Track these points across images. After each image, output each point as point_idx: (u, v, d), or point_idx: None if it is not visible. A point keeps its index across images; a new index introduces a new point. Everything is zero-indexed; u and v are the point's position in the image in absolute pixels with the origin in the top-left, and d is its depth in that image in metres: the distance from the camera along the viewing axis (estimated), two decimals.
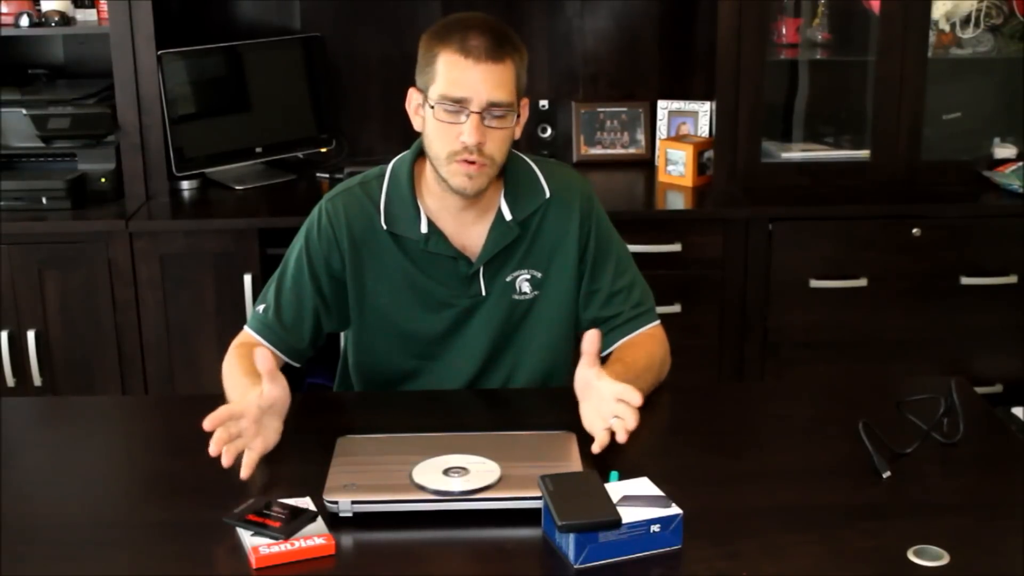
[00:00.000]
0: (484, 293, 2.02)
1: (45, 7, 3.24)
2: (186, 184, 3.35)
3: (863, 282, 3.23)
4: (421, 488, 1.55)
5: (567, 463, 1.62)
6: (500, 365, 2.06)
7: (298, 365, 2.04)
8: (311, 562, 1.46)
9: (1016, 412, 3.22)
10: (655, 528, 1.46)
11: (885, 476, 1.65)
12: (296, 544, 1.46)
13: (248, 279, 3.10)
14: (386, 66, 3.63)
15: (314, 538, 1.47)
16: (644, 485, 1.54)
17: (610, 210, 2.12)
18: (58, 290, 3.12)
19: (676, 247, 3.17)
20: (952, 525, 1.53)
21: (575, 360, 2.12)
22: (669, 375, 2.02)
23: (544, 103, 3.63)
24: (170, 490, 1.63)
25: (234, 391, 1.85)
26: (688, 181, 3.38)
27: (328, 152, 3.60)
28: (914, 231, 3.21)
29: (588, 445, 1.68)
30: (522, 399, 2.04)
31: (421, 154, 1.98)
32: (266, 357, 1.70)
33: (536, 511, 1.52)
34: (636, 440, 1.67)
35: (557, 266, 2.04)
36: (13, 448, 1.83)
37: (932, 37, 3.34)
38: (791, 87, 3.63)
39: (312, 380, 2.52)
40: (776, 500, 1.61)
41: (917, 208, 3.24)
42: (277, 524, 1.48)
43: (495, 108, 1.86)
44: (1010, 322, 3.27)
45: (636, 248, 2.76)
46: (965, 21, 3.39)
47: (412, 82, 1.94)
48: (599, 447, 1.67)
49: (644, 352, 1.99)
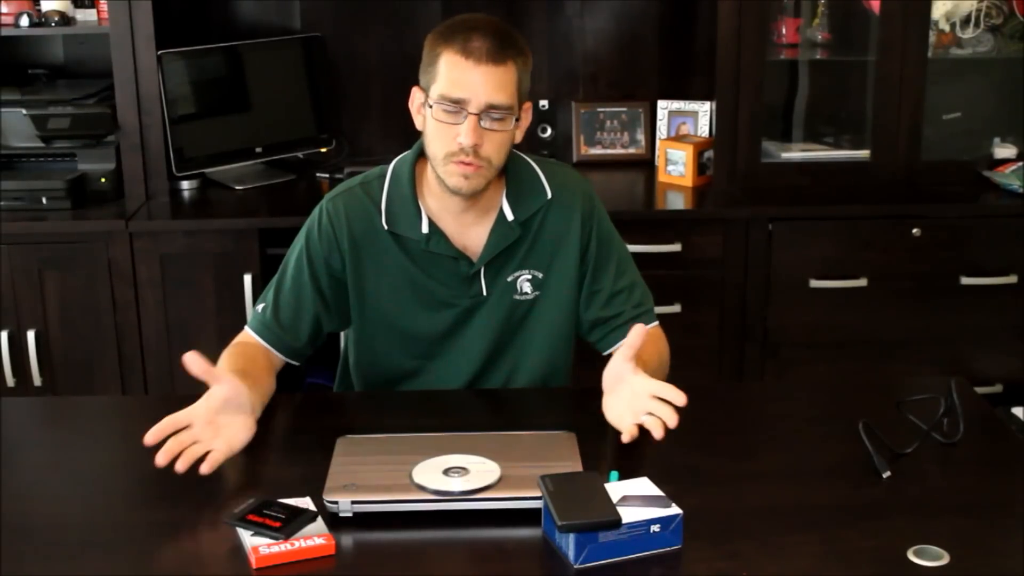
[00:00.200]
0: (485, 293, 2.02)
1: (45, 7, 3.24)
2: (186, 184, 3.35)
3: (863, 282, 3.23)
4: (421, 488, 1.55)
5: (567, 463, 1.62)
6: (500, 365, 2.06)
7: (297, 364, 2.04)
8: (311, 562, 1.46)
9: (1016, 412, 3.21)
10: (655, 528, 1.46)
11: (885, 476, 1.65)
12: (296, 544, 1.46)
13: (248, 279, 3.10)
14: (386, 66, 3.63)
15: (314, 538, 1.47)
16: (644, 485, 1.54)
17: (610, 210, 2.11)
18: (58, 290, 3.11)
19: (676, 247, 3.17)
20: (952, 525, 1.53)
21: (575, 360, 2.14)
22: (669, 375, 2.02)
23: (544, 103, 3.62)
24: (170, 490, 1.63)
25: None
26: (688, 181, 3.38)
27: (328, 152, 3.60)
28: (914, 231, 3.21)
29: (588, 445, 1.68)
30: (522, 399, 2.04)
31: (422, 154, 1.98)
32: (195, 361, 1.68)
33: (536, 511, 1.52)
34: (636, 440, 1.67)
35: (558, 266, 2.03)
36: (13, 448, 1.83)
37: (932, 37, 3.34)
38: (791, 87, 3.63)
39: (312, 380, 2.52)
40: (776, 500, 1.61)
41: (917, 208, 3.24)
42: (277, 524, 1.48)
43: (493, 110, 1.86)
44: (1010, 322, 3.27)
45: (636, 248, 2.76)
46: (965, 21, 3.39)
47: (413, 82, 1.94)
48: (629, 438, 1.67)
49: (655, 350, 1.99)
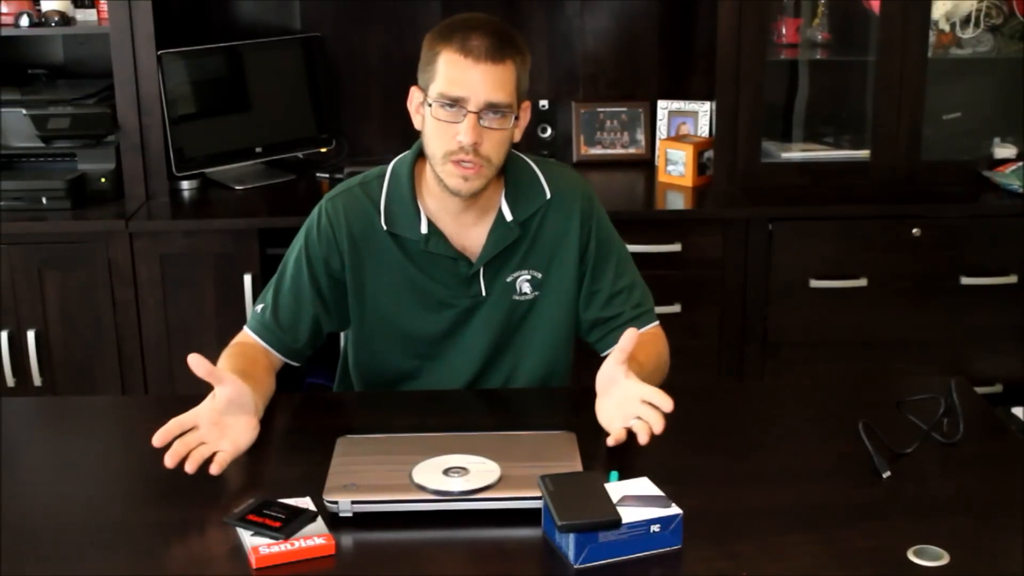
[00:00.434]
0: (484, 293, 2.02)
1: (45, 7, 3.24)
2: (186, 184, 3.35)
3: (863, 282, 3.23)
4: (421, 488, 1.55)
5: (567, 463, 1.62)
6: (500, 365, 2.06)
7: (297, 364, 2.04)
8: (311, 562, 1.45)
9: (1016, 412, 3.21)
10: (655, 528, 1.46)
11: (885, 476, 1.65)
12: (296, 544, 1.46)
13: (248, 279, 3.10)
14: (386, 66, 3.63)
15: (314, 538, 1.47)
16: (644, 485, 1.54)
17: (610, 210, 2.12)
18: (58, 290, 3.11)
19: (676, 247, 3.17)
20: (952, 525, 1.53)
21: (575, 360, 2.14)
22: (669, 375, 2.03)
23: (544, 103, 3.62)
24: (170, 490, 1.62)
25: None
26: (688, 181, 3.38)
27: (328, 152, 3.60)
28: (914, 231, 3.20)
29: (588, 445, 1.68)
30: (522, 399, 2.04)
31: (422, 154, 1.98)
32: (199, 363, 1.68)
33: (536, 511, 1.52)
34: (636, 440, 1.67)
35: (557, 267, 2.03)
36: (13, 448, 1.83)
37: (932, 37, 3.34)
38: (791, 87, 3.63)
39: (312, 380, 2.51)
40: (776, 500, 1.61)
41: (917, 208, 3.24)
42: (277, 524, 1.48)
43: (493, 109, 1.86)
44: (1010, 322, 3.27)
45: (636, 248, 2.76)
46: (965, 21, 3.39)
47: (412, 82, 1.94)
48: (614, 441, 1.67)
49: (654, 351, 1.99)
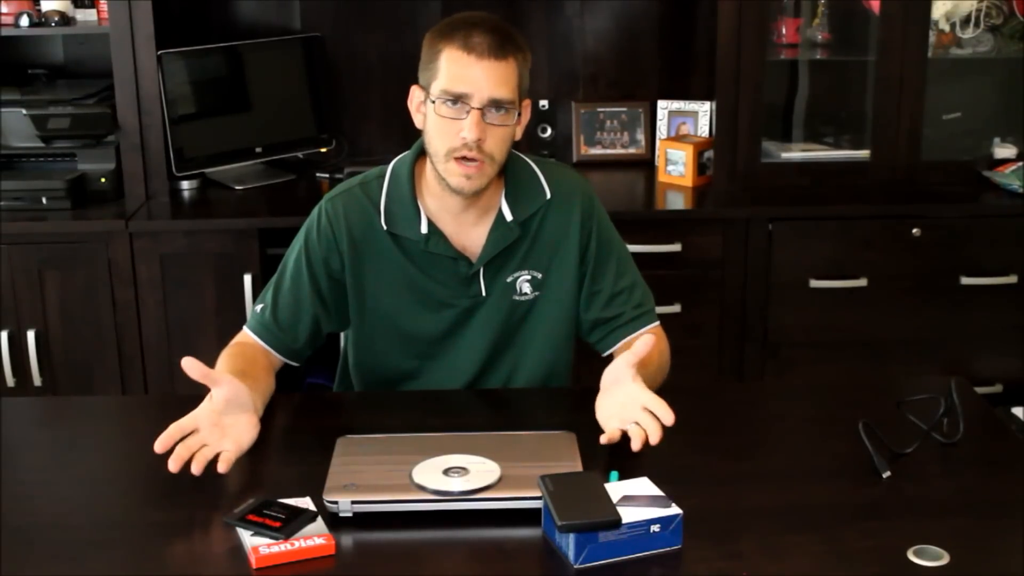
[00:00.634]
0: (484, 294, 2.02)
1: (45, 7, 3.24)
2: (186, 184, 3.35)
3: (863, 282, 3.23)
4: (421, 488, 1.55)
5: (567, 463, 1.62)
6: (500, 365, 2.06)
7: (296, 364, 2.04)
8: (311, 562, 1.45)
9: (1016, 412, 3.21)
10: (655, 528, 1.46)
11: (885, 476, 1.65)
12: (296, 544, 1.46)
13: (248, 279, 3.10)
14: (386, 66, 3.63)
15: (314, 538, 1.47)
16: (644, 485, 1.54)
17: (610, 210, 2.11)
18: (58, 290, 3.11)
19: (676, 247, 3.17)
20: (952, 525, 1.53)
21: (575, 360, 2.13)
22: (669, 375, 2.02)
23: (544, 103, 3.62)
24: (170, 490, 1.62)
25: None
26: (688, 181, 3.38)
27: (328, 152, 3.60)
28: (914, 231, 3.21)
29: (588, 445, 1.68)
30: (522, 399, 2.04)
31: (422, 154, 1.98)
32: (193, 365, 1.68)
33: (536, 511, 1.52)
34: (628, 443, 1.66)
35: (557, 267, 2.03)
36: (13, 448, 1.83)
37: (932, 37, 3.33)
38: (791, 87, 3.63)
39: (312, 380, 2.51)
40: (776, 500, 1.61)
41: (917, 208, 3.24)
42: (277, 524, 1.48)
43: (496, 105, 1.86)
44: (1010, 322, 3.27)
45: (636, 248, 2.77)
46: (965, 21, 3.38)
47: (412, 82, 1.94)
48: (607, 440, 1.68)
49: (656, 351, 1.98)
